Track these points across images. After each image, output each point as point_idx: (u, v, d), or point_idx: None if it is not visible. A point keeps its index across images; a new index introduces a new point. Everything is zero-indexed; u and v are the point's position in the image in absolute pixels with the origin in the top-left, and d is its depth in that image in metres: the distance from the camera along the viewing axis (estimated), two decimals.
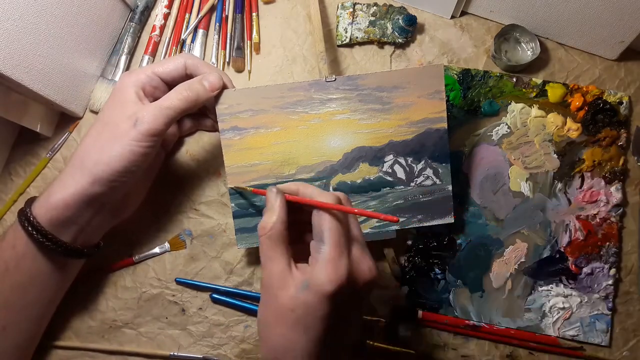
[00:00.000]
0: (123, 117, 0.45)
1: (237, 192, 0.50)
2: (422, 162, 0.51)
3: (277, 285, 0.39)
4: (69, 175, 0.46)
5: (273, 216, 0.41)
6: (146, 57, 0.59)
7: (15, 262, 0.46)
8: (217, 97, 0.49)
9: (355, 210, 0.39)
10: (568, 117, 0.58)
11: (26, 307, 0.49)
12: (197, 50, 0.59)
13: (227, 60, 0.59)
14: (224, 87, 0.49)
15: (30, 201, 0.47)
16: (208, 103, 0.49)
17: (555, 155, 0.58)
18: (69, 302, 0.54)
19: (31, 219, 0.45)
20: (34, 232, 0.45)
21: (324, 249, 0.38)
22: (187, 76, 0.49)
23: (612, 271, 0.56)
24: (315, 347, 0.38)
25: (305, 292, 0.37)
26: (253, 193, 0.49)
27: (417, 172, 0.51)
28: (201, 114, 0.56)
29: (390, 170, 0.51)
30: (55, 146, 0.58)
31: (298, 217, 0.43)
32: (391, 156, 0.51)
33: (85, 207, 0.46)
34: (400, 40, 0.59)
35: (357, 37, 0.59)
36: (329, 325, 0.38)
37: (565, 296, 0.56)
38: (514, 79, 0.58)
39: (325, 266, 0.37)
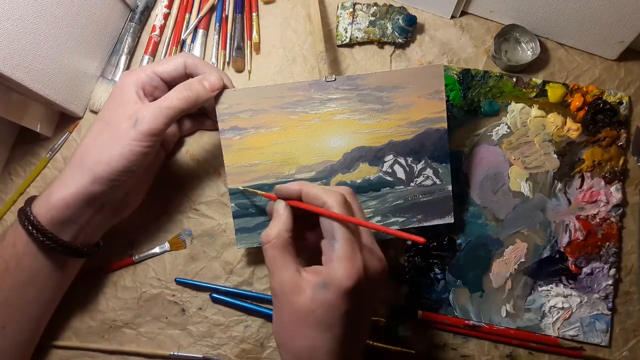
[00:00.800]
0: (123, 116, 0.45)
1: (239, 192, 0.50)
2: (422, 162, 0.51)
3: (289, 291, 0.39)
4: (69, 174, 0.46)
5: (278, 225, 0.41)
6: (146, 57, 0.59)
7: (15, 261, 0.46)
8: (217, 97, 0.49)
9: (372, 225, 0.39)
10: (568, 117, 0.58)
11: (26, 306, 0.49)
12: (197, 50, 0.59)
13: (227, 60, 0.59)
14: (224, 87, 0.49)
15: (30, 200, 0.47)
16: (208, 103, 0.49)
17: (555, 155, 0.58)
18: (69, 302, 0.54)
19: (31, 218, 0.45)
20: (34, 231, 0.45)
21: (337, 246, 0.38)
22: (187, 76, 0.49)
23: (612, 271, 0.56)
24: (339, 344, 0.39)
25: (323, 291, 0.38)
26: (262, 196, 0.49)
27: (417, 172, 0.51)
28: (201, 114, 0.56)
29: (390, 170, 0.51)
30: (55, 146, 0.58)
31: (298, 214, 0.43)
32: (391, 156, 0.51)
33: (85, 206, 0.46)
34: (400, 40, 0.59)
35: (357, 37, 0.59)
36: (349, 321, 0.39)
37: (565, 296, 0.56)
38: (514, 79, 0.58)
39: (341, 263, 0.38)
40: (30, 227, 0.45)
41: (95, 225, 0.49)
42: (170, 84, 0.49)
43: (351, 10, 0.59)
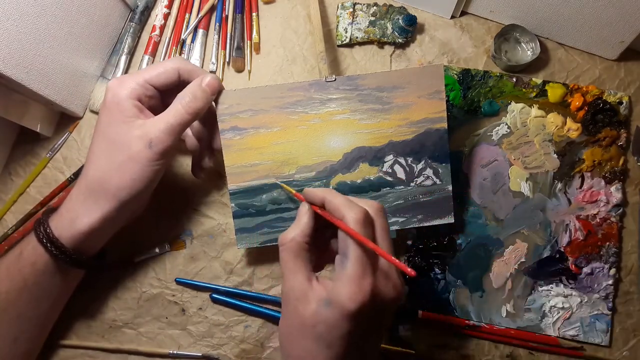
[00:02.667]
0: (131, 136, 0.45)
1: (240, 192, 0.50)
2: (422, 162, 0.51)
3: (296, 298, 0.39)
4: (92, 201, 0.46)
5: (296, 229, 0.41)
6: (146, 57, 0.59)
7: (34, 278, 0.47)
8: (215, 99, 0.49)
9: (379, 250, 0.36)
10: (568, 117, 0.58)
11: (38, 317, 0.50)
12: (197, 50, 0.59)
13: (227, 60, 0.59)
14: (221, 87, 0.49)
15: (46, 219, 0.47)
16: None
17: (555, 155, 0.58)
18: (69, 301, 0.53)
19: (54, 240, 0.45)
20: (59, 254, 0.46)
21: (347, 265, 0.37)
22: (181, 81, 0.48)
23: (612, 271, 0.56)
24: None
25: (327, 309, 0.37)
26: (293, 195, 0.48)
27: (417, 172, 0.51)
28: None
29: (390, 170, 0.51)
30: (55, 146, 0.58)
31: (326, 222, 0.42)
32: (391, 156, 0.51)
33: (110, 228, 0.48)
34: (400, 40, 0.59)
35: (357, 37, 0.59)
36: (350, 342, 0.38)
37: (565, 296, 0.56)
38: (514, 79, 0.58)
39: (348, 284, 0.36)
40: (54, 250, 0.46)
41: (109, 237, 0.50)
42: (161, 89, 0.48)
43: (351, 10, 0.59)
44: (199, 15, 0.59)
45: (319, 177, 0.51)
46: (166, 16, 0.60)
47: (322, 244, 0.44)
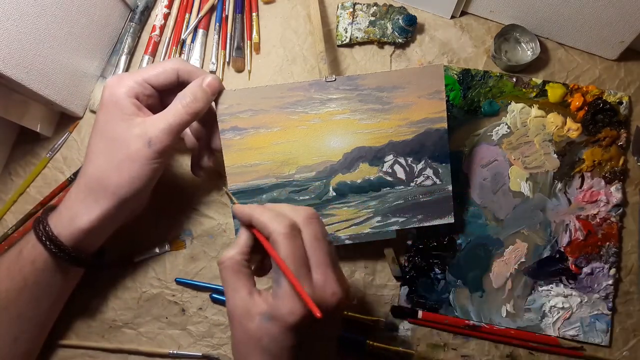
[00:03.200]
0: (131, 134, 0.44)
1: (239, 192, 0.50)
2: (422, 162, 0.51)
3: (240, 314, 0.40)
4: (92, 199, 0.45)
5: (235, 248, 0.42)
6: (146, 57, 0.59)
7: (34, 277, 0.47)
8: (216, 99, 0.49)
9: (290, 277, 0.37)
10: (568, 117, 0.58)
11: (38, 317, 0.50)
12: (197, 50, 0.59)
13: (227, 60, 0.59)
14: (222, 88, 0.49)
15: (45, 217, 0.47)
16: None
17: (555, 155, 0.58)
18: (69, 301, 0.53)
19: (53, 238, 0.45)
20: (58, 252, 0.46)
21: (282, 282, 0.38)
22: (180, 82, 0.47)
23: (612, 271, 0.56)
24: None
25: (268, 323, 0.38)
26: (234, 208, 0.46)
27: (417, 172, 0.51)
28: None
29: (390, 170, 0.51)
30: (55, 146, 0.58)
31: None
32: (391, 156, 0.51)
33: (109, 227, 0.48)
34: (400, 40, 0.59)
35: (357, 37, 0.59)
36: (296, 353, 0.39)
37: (565, 296, 0.56)
38: (514, 79, 0.58)
39: (285, 299, 0.38)
40: (53, 248, 0.45)
41: (108, 235, 0.50)
42: (160, 89, 0.47)
43: (351, 10, 0.59)
44: (199, 15, 0.59)
45: (319, 177, 0.51)
46: (166, 16, 0.60)
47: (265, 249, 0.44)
